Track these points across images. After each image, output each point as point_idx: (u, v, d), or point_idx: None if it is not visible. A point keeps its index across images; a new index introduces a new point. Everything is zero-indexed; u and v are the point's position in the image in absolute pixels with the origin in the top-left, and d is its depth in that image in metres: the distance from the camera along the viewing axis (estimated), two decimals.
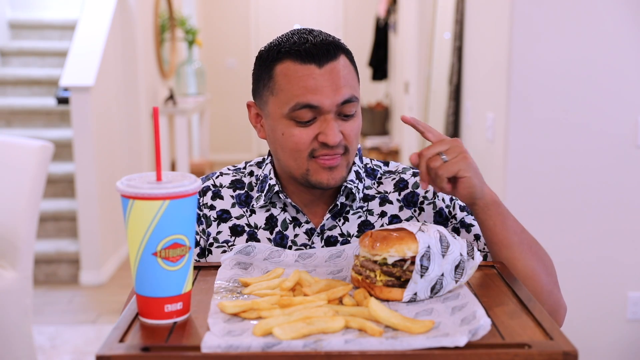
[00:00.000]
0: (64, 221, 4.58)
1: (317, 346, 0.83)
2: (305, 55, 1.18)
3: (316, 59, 1.18)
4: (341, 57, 1.21)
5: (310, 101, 1.17)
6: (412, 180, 1.34)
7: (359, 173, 1.32)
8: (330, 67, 1.18)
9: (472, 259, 1.04)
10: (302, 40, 1.20)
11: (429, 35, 4.74)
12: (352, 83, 1.21)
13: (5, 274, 2.74)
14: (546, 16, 2.65)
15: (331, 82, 1.18)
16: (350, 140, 1.22)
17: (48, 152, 2.90)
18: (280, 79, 1.20)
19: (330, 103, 1.18)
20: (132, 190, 0.90)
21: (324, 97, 1.17)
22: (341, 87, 1.19)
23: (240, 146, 8.69)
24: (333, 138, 1.18)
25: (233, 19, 8.53)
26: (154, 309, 0.92)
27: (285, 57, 1.19)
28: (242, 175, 1.37)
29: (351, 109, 1.21)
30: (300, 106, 1.18)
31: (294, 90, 1.18)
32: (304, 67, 1.18)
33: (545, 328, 0.89)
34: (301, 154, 1.21)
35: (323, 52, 1.18)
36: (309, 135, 1.20)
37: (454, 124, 3.84)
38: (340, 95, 1.19)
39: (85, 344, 3.51)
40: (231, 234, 1.31)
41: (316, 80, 1.17)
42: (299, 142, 1.20)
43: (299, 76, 1.18)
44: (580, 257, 2.78)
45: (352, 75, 1.22)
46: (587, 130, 2.70)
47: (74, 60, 4.38)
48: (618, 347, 2.84)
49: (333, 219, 1.30)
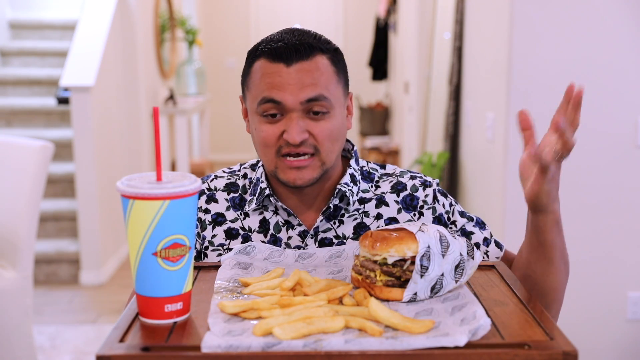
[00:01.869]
0: (64, 221, 4.58)
1: (317, 346, 0.83)
2: (276, 55, 1.22)
3: (284, 58, 1.21)
4: (316, 58, 1.23)
5: (273, 96, 1.21)
6: (411, 183, 1.33)
7: (354, 176, 1.31)
8: (299, 67, 1.21)
9: (472, 259, 1.04)
10: (278, 40, 1.23)
11: (429, 35, 4.74)
12: (325, 83, 1.22)
13: (5, 274, 2.74)
14: (546, 16, 2.65)
15: (297, 80, 1.21)
16: (320, 140, 1.23)
17: (48, 152, 2.90)
18: (254, 76, 1.25)
19: (293, 100, 1.20)
20: (132, 190, 0.90)
21: (287, 93, 1.20)
22: (307, 85, 1.21)
23: (240, 146, 8.69)
24: (294, 136, 1.20)
25: (233, 19, 8.53)
26: (154, 309, 0.92)
27: (261, 56, 1.24)
28: (236, 178, 1.37)
29: (320, 107, 1.22)
30: (264, 100, 1.22)
31: (262, 86, 1.22)
32: (274, 65, 1.22)
33: (545, 328, 0.89)
34: (269, 149, 1.24)
35: (293, 52, 1.21)
36: (275, 133, 1.23)
37: (454, 124, 3.84)
38: (305, 93, 1.20)
39: (85, 344, 3.51)
40: (226, 237, 1.31)
41: (282, 77, 1.21)
42: (266, 137, 1.23)
43: (267, 73, 1.22)
44: (580, 257, 2.78)
45: (326, 76, 1.23)
46: (587, 130, 2.70)
47: (74, 60, 4.38)
48: (618, 347, 2.84)
49: (327, 221, 1.30)
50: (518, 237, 3.04)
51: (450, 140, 3.88)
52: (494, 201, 2.94)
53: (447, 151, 3.89)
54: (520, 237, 3.06)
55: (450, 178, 3.90)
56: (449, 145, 3.89)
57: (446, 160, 3.87)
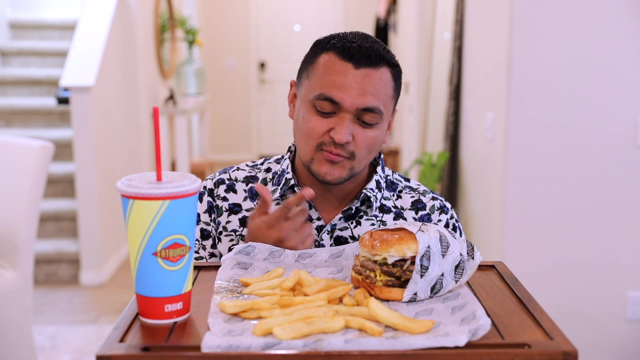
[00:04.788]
0: (64, 221, 4.58)
1: (317, 346, 0.83)
2: (347, 53, 1.22)
3: (355, 60, 1.21)
4: (382, 69, 1.24)
5: (333, 96, 1.22)
6: (430, 204, 1.37)
7: (379, 182, 1.35)
8: (366, 72, 1.22)
9: (472, 259, 1.04)
10: (352, 40, 1.24)
11: (429, 35, 4.74)
12: (383, 96, 1.24)
13: (5, 274, 2.74)
14: (546, 16, 2.65)
15: (360, 85, 1.21)
16: (360, 147, 1.25)
17: (48, 152, 2.90)
18: (318, 67, 1.25)
19: (351, 103, 1.21)
20: (132, 190, 0.90)
21: (347, 95, 1.21)
22: (368, 93, 1.21)
23: (241, 146, 8.69)
24: (341, 136, 1.22)
25: (233, 19, 8.52)
26: (154, 309, 0.92)
27: (332, 49, 1.24)
28: (257, 171, 1.41)
29: (371, 119, 1.23)
30: (323, 97, 1.22)
31: (324, 80, 1.23)
32: (342, 64, 1.22)
33: (545, 328, 0.89)
34: (311, 141, 1.25)
35: (364, 57, 1.22)
36: (323, 127, 1.24)
37: (454, 124, 3.84)
38: (363, 101, 1.21)
39: (85, 344, 3.51)
40: (240, 225, 1.35)
41: (347, 78, 1.21)
42: (313, 129, 1.24)
43: (334, 69, 1.22)
44: (580, 257, 2.78)
45: (386, 89, 1.24)
46: (587, 130, 2.70)
47: (74, 60, 4.38)
48: (618, 347, 2.84)
49: (345, 220, 1.33)
50: (518, 237, 3.05)
51: (450, 140, 3.88)
52: (494, 201, 2.94)
53: (447, 151, 3.89)
54: (519, 237, 3.07)
55: (450, 178, 3.90)
56: (449, 145, 3.89)
57: (446, 160, 3.87)
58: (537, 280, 2.76)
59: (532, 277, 2.74)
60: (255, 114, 8.69)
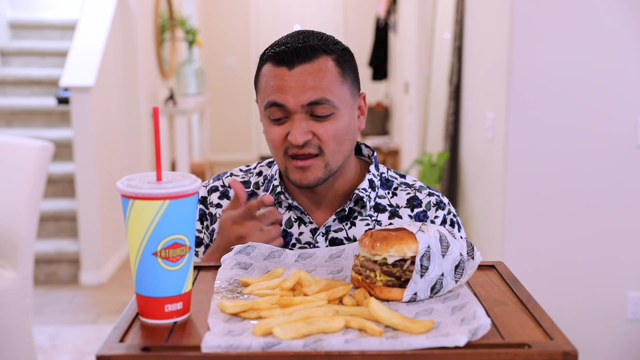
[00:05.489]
0: (64, 221, 4.58)
1: (317, 346, 0.83)
2: (279, 58, 1.25)
3: (287, 62, 1.24)
4: (320, 60, 1.24)
5: (276, 100, 1.24)
6: (426, 200, 1.36)
7: (372, 182, 1.34)
8: (301, 69, 1.23)
9: (472, 259, 1.04)
10: (282, 43, 1.26)
11: (429, 35, 4.74)
12: (327, 85, 1.24)
13: (5, 274, 2.74)
14: (546, 16, 2.65)
15: (299, 83, 1.23)
16: (325, 141, 1.25)
17: (48, 152, 2.90)
18: (262, 79, 1.29)
19: (294, 102, 1.23)
20: (132, 190, 0.90)
21: (289, 96, 1.23)
22: (308, 88, 1.23)
23: (240, 146, 8.69)
24: (295, 137, 1.23)
25: (233, 19, 8.53)
26: (154, 309, 0.92)
27: (267, 60, 1.28)
28: (250, 175, 1.41)
29: (322, 111, 1.24)
30: (269, 104, 1.25)
31: (267, 90, 1.26)
32: (277, 69, 1.25)
33: (545, 328, 0.89)
34: (278, 151, 1.28)
35: (295, 55, 1.24)
36: (281, 134, 1.26)
37: (454, 124, 3.84)
38: (306, 96, 1.23)
39: (85, 344, 3.51)
40: None
41: (284, 81, 1.24)
42: (274, 139, 1.27)
43: (272, 77, 1.25)
44: (580, 257, 2.78)
45: (330, 77, 1.24)
46: (587, 130, 2.70)
47: (74, 60, 4.38)
48: (618, 347, 2.84)
49: (340, 221, 1.32)
50: (518, 237, 3.05)
51: (450, 140, 3.88)
52: (494, 201, 2.94)
53: (447, 151, 3.89)
54: (519, 237, 3.07)
55: (450, 178, 3.90)
56: (449, 145, 3.89)
57: (446, 160, 3.87)
58: (537, 280, 2.76)
59: (532, 277, 2.74)
60: (255, 114, 8.69)
